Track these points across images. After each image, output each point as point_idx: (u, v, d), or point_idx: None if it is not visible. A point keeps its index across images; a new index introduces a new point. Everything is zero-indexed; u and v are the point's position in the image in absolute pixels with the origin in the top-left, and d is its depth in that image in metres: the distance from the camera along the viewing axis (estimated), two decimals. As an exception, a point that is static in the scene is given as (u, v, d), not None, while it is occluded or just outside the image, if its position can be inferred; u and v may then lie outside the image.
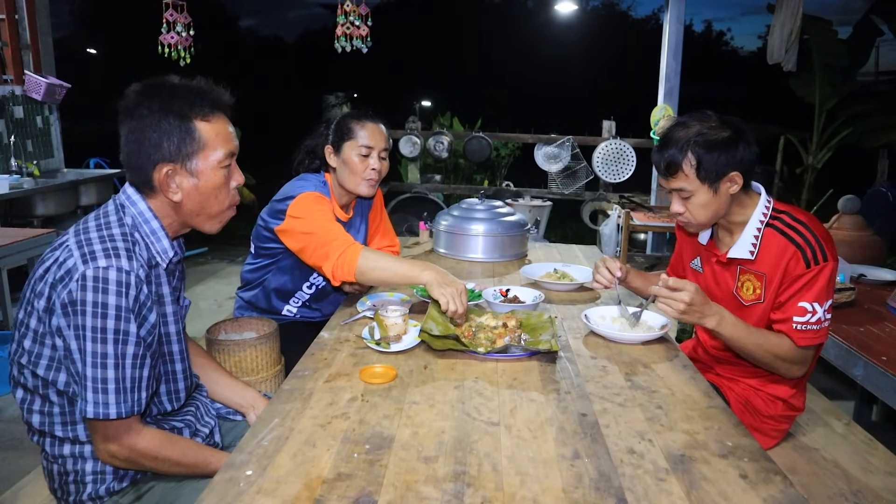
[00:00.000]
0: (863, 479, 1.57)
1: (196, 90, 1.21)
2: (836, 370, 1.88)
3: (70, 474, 1.24)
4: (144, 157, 1.18)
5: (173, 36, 4.39)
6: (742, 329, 1.50)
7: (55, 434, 1.23)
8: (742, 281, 1.60)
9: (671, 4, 4.80)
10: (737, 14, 56.69)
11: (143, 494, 1.25)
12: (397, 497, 0.95)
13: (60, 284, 1.11)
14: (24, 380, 1.21)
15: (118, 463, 1.20)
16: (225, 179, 1.25)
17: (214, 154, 1.22)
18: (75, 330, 1.10)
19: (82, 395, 1.12)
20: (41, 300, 1.14)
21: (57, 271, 1.13)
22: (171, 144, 1.18)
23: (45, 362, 1.17)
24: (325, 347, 1.54)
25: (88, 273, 1.09)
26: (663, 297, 1.49)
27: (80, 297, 1.08)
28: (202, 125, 1.20)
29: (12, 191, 3.73)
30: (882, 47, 6.27)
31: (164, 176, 1.19)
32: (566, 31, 17.72)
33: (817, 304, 1.47)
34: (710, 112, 1.53)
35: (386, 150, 2.00)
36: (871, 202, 4.06)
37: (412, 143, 5.57)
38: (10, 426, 2.74)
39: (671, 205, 1.59)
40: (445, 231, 2.49)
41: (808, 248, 1.48)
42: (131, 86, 1.20)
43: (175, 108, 1.18)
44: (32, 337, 1.17)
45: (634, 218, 4.28)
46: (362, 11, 4.55)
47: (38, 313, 1.15)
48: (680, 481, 1.01)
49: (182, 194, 1.22)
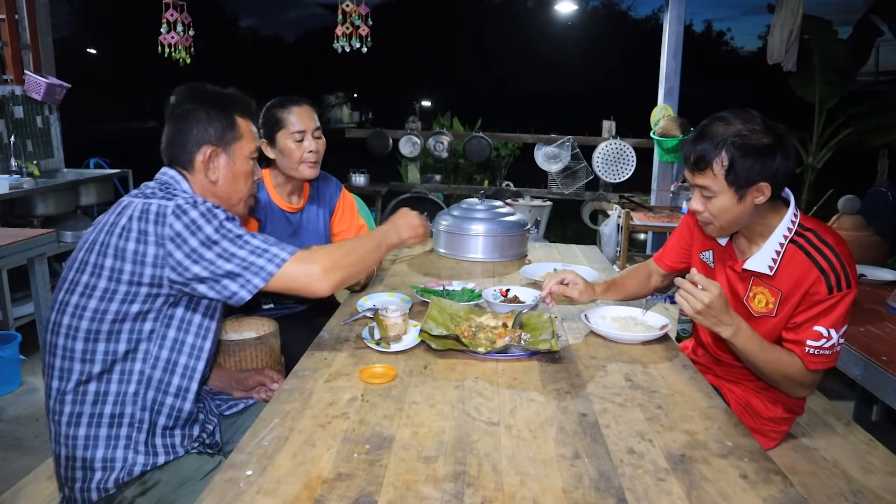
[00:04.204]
0: (863, 479, 1.57)
1: (233, 94, 1.45)
2: (836, 370, 1.88)
3: (78, 460, 1.24)
4: (192, 140, 1.37)
5: (173, 36, 4.39)
6: (756, 343, 1.45)
7: (75, 412, 1.23)
8: (754, 292, 1.55)
9: (671, 4, 4.80)
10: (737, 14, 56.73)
11: (148, 489, 1.26)
12: (397, 497, 0.95)
13: (154, 223, 1.21)
14: (63, 347, 1.23)
15: (338, 276, 1.35)
16: (251, 170, 1.46)
17: (248, 146, 1.43)
18: (190, 256, 1.21)
19: (244, 284, 1.24)
20: (128, 241, 1.21)
21: (145, 216, 1.22)
22: (216, 130, 1.38)
23: (110, 317, 1.22)
24: (325, 347, 1.54)
25: (172, 204, 1.23)
26: (685, 290, 1.41)
27: (179, 225, 1.21)
28: (240, 120, 1.42)
29: (12, 191, 3.73)
30: (882, 47, 6.26)
31: (207, 157, 1.37)
32: (566, 31, 17.72)
33: (833, 330, 1.42)
34: (756, 113, 1.43)
35: (318, 129, 2.03)
36: (871, 202, 4.05)
37: (412, 143, 5.57)
38: (10, 426, 2.74)
39: (691, 201, 1.51)
40: (445, 231, 2.49)
41: (832, 273, 1.41)
42: (176, 88, 1.44)
43: (219, 103, 1.40)
44: (100, 296, 1.21)
45: (634, 218, 4.27)
46: (362, 11, 4.55)
47: (118, 261, 1.21)
48: (680, 481, 1.01)
49: (219, 174, 1.40)
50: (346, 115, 24.48)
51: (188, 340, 1.31)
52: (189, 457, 1.32)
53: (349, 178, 5.64)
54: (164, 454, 1.29)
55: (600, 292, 1.81)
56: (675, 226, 4.10)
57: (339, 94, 22.94)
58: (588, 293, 1.75)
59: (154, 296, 1.23)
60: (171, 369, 1.29)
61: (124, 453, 1.25)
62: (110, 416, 1.25)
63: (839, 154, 5.92)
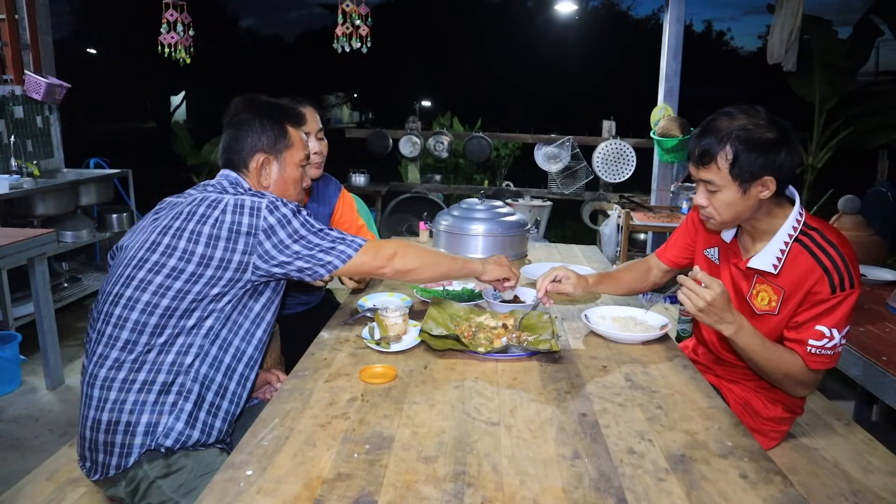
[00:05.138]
0: (863, 479, 1.57)
1: (285, 105, 1.59)
2: (837, 370, 1.88)
3: (121, 424, 1.29)
4: (247, 148, 1.50)
5: (173, 36, 4.38)
6: (758, 342, 1.45)
7: (130, 378, 1.30)
8: (757, 290, 1.54)
9: (671, 4, 4.80)
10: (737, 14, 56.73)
11: (172, 472, 1.30)
12: (397, 497, 0.95)
13: (248, 216, 1.34)
14: (135, 321, 1.31)
15: (402, 264, 1.51)
16: (301, 176, 1.59)
17: (298, 154, 1.57)
18: (278, 246, 1.35)
19: (324, 264, 1.40)
20: (221, 230, 1.32)
21: (241, 210, 1.34)
22: (269, 139, 1.51)
23: (191, 297, 1.32)
24: (325, 347, 1.54)
25: (265, 201, 1.37)
26: (688, 287, 1.41)
27: (272, 219, 1.35)
28: (291, 130, 1.55)
29: (12, 191, 3.72)
30: (882, 47, 6.28)
31: (260, 164, 1.51)
32: (566, 31, 17.69)
33: (836, 329, 1.42)
34: (761, 108, 1.43)
35: (321, 130, 2.06)
36: (871, 202, 4.05)
37: (412, 143, 5.57)
38: (10, 426, 2.75)
39: (696, 196, 1.52)
40: (445, 231, 2.49)
41: (835, 273, 1.41)
42: (234, 99, 1.57)
43: (272, 114, 1.53)
44: (186, 278, 1.31)
45: (634, 218, 4.28)
46: (362, 11, 4.55)
47: (199, 238, 1.32)
48: (680, 481, 1.01)
49: (270, 181, 1.53)
50: (346, 115, 24.46)
51: (245, 325, 1.41)
52: (213, 449, 1.37)
53: (349, 178, 5.65)
54: (200, 432, 1.34)
55: (593, 283, 1.80)
56: (675, 226, 4.11)
57: (339, 94, 22.91)
58: (581, 285, 1.75)
59: (235, 280, 1.35)
60: (226, 348, 1.39)
61: (167, 419, 1.31)
62: (162, 383, 1.32)
63: (839, 154, 5.92)
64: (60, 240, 4.05)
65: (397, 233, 5.36)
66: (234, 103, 1.57)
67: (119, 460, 1.30)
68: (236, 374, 1.41)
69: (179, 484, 1.29)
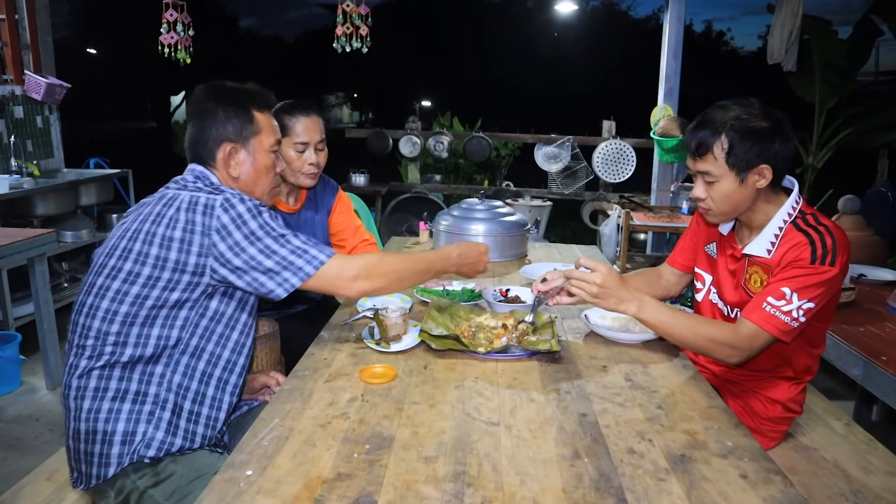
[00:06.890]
0: (863, 479, 1.57)
1: (250, 89, 1.47)
2: (836, 370, 1.88)
3: (98, 433, 1.27)
4: (212, 138, 1.40)
5: (173, 36, 4.38)
6: (667, 312, 1.46)
7: (101, 387, 1.27)
8: (750, 273, 1.56)
9: (671, 4, 4.80)
10: (737, 14, 56.63)
11: (161, 480, 1.27)
12: (397, 497, 0.95)
13: (200, 214, 1.26)
14: (98, 329, 1.27)
15: (367, 286, 1.40)
16: (273, 164, 1.49)
17: (267, 139, 1.46)
18: (233, 248, 1.26)
19: (281, 282, 1.30)
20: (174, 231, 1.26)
21: (193, 207, 1.27)
22: (234, 127, 1.41)
23: (150, 303, 1.27)
24: (325, 347, 1.54)
25: (220, 198, 1.29)
26: (575, 278, 1.45)
27: (225, 218, 1.26)
28: (258, 115, 1.44)
29: (12, 191, 3.72)
30: (882, 47, 6.27)
31: (227, 154, 1.41)
32: (566, 31, 17.70)
33: (797, 295, 1.39)
34: (755, 100, 1.46)
35: (322, 141, 2.00)
36: (871, 202, 4.06)
37: (412, 143, 5.57)
38: (10, 426, 2.75)
39: (694, 189, 1.54)
40: (445, 231, 2.49)
41: (820, 247, 1.41)
42: (196, 87, 1.45)
43: (236, 99, 1.43)
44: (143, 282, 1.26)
45: (634, 218, 4.27)
46: (362, 11, 4.55)
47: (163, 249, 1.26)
48: (680, 481, 1.01)
49: (240, 170, 1.43)
50: (346, 115, 24.47)
51: (217, 329, 1.35)
52: (202, 451, 1.34)
53: (349, 178, 5.64)
54: (183, 439, 1.31)
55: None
56: (675, 226, 4.11)
57: (339, 94, 22.92)
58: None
59: (195, 284, 1.28)
60: (199, 355, 1.33)
61: (145, 427, 1.28)
62: (135, 392, 1.28)
63: (839, 154, 5.92)
64: (60, 240, 4.05)
65: (397, 233, 5.36)
66: (196, 91, 1.46)
67: (99, 470, 1.27)
68: (213, 379, 1.36)
69: (171, 491, 1.27)
